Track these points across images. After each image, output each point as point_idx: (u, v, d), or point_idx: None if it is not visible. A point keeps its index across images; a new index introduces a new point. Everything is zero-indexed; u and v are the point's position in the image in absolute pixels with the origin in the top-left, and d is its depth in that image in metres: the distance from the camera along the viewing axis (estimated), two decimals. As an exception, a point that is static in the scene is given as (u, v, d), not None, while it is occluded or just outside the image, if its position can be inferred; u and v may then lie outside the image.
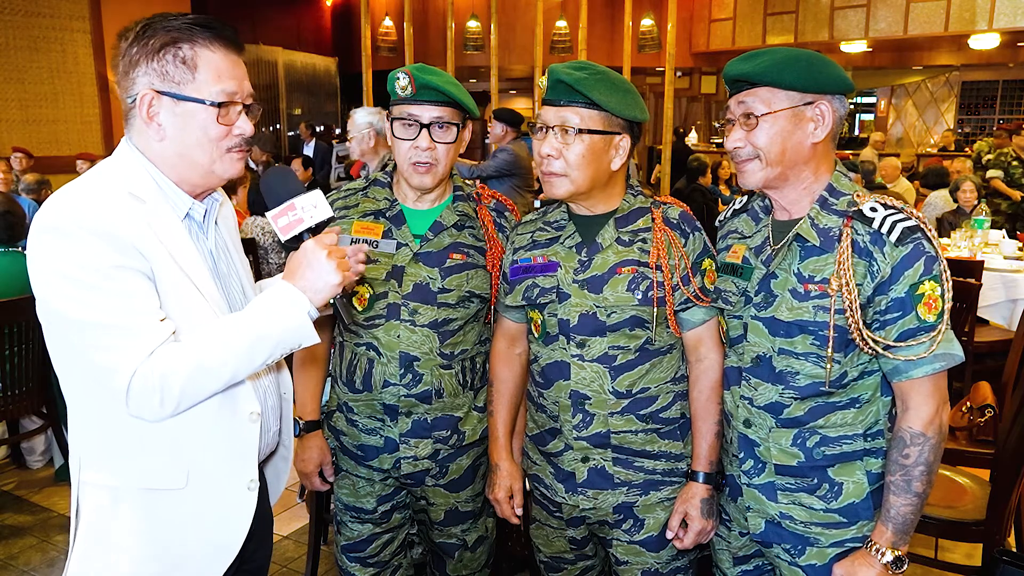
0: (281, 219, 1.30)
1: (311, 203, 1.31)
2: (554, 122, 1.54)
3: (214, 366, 1.21)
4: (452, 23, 8.69)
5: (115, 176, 1.27)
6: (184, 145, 1.27)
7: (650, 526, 1.64)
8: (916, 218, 1.34)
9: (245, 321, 1.24)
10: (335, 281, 1.26)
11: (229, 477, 1.35)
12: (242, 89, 1.30)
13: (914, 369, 1.34)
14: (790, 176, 1.43)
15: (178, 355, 1.19)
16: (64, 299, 1.17)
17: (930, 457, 1.35)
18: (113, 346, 1.16)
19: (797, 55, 1.39)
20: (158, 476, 1.28)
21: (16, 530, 3.13)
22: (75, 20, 8.58)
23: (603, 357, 1.59)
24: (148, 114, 1.25)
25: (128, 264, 1.19)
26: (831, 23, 10.12)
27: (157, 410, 1.19)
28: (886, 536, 1.37)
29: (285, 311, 1.24)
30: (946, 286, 1.32)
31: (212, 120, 1.26)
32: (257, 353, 1.24)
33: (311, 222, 1.31)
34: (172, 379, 1.18)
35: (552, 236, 1.67)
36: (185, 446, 1.29)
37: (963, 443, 2.71)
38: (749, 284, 1.49)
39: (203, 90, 1.25)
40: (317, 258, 1.25)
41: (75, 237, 1.16)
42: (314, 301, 1.26)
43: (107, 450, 1.29)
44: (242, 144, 1.32)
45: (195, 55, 1.24)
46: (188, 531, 1.32)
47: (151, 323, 1.19)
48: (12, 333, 3.13)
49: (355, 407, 1.79)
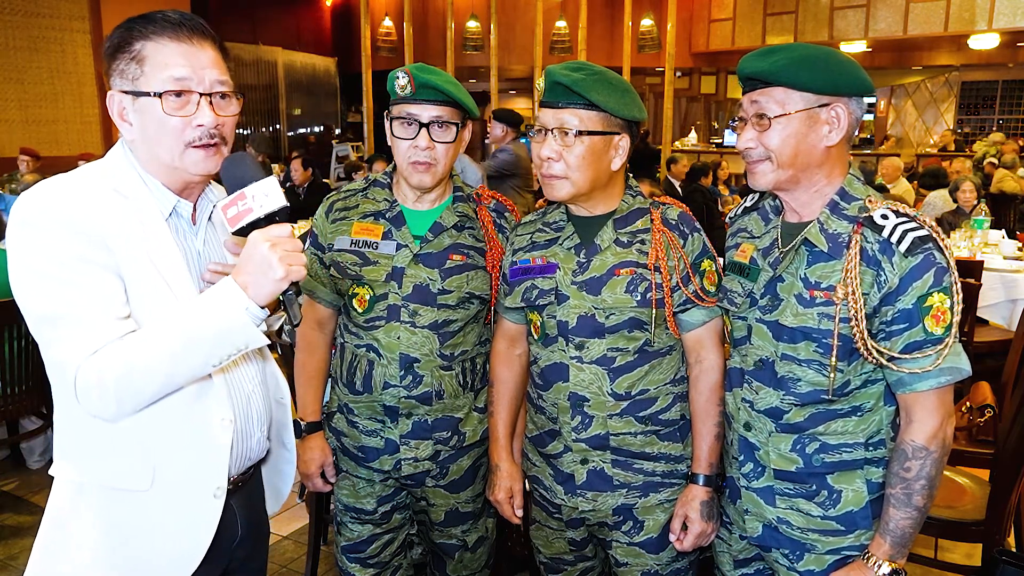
0: (231, 209, 1.20)
1: (262, 192, 1.20)
2: (553, 124, 1.54)
3: (145, 366, 1.15)
4: (452, 23, 8.70)
5: (101, 173, 1.26)
6: (149, 141, 1.25)
7: (650, 528, 1.64)
8: (929, 227, 1.30)
9: (179, 319, 1.17)
10: (278, 275, 1.15)
11: (195, 483, 1.31)
12: (198, 77, 1.23)
13: (919, 382, 1.31)
14: (802, 179, 1.40)
15: (113, 354, 1.15)
16: (26, 289, 1.16)
17: (932, 471, 1.32)
18: (62, 339, 1.15)
19: (815, 54, 1.34)
20: (122, 475, 1.26)
21: (16, 530, 3.12)
22: (75, 20, 8.58)
23: (602, 359, 1.58)
24: (120, 115, 1.25)
25: (92, 258, 1.16)
26: (831, 23, 10.13)
27: (102, 409, 1.17)
28: (884, 548, 1.35)
29: (221, 309, 1.15)
30: (956, 298, 1.29)
31: (164, 112, 1.21)
32: (194, 353, 1.17)
33: (260, 212, 1.19)
34: (106, 378, 1.14)
35: (551, 237, 1.67)
36: (151, 448, 1.26)
37: (963, 443, 2.70)
38: (755, 286, 1.47)
39: (151, 83, 1.21)
40: (259, 250, 1.15)
41: (41, 228, 1.15)
42: (256, 297, 1.16)
43: (75, 445, 1.28)
44: (205, 137, 1.24)
45: (143, 48, 1.22)
46: (149, 533, 1.29)
47: (104, 319, 1.15)
48: (11, 333, 3.13)
49: (355, 408, 1.79)
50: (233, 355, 1.20)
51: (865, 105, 1.41)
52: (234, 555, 1.37)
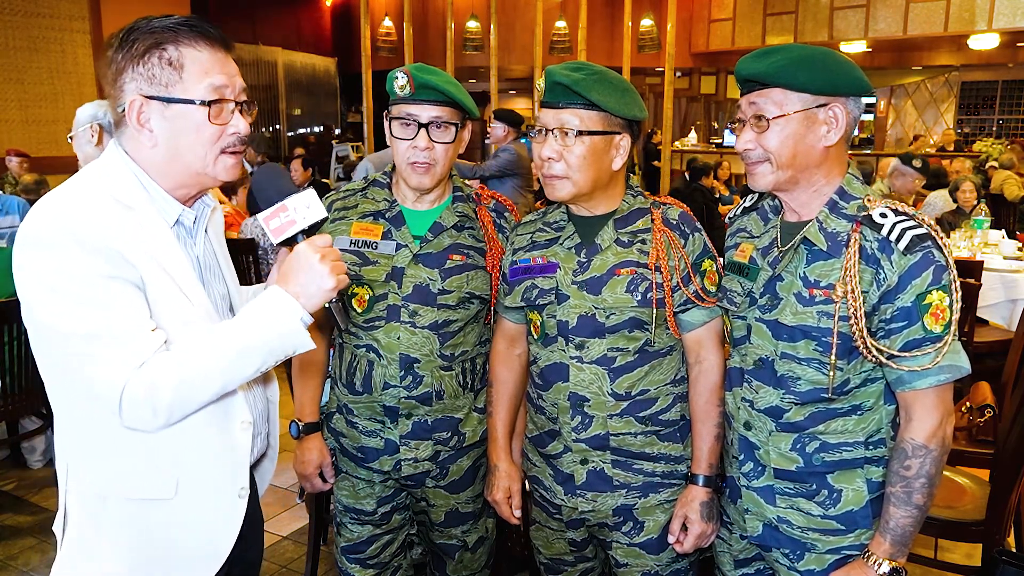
0: (273, 221, 1.26)
1: (304, 203, 1.26)
2: (553, 125, 1.54)
3: (203, 375, 1.18)
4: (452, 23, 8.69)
5: (101, 182, 1.23)
6: (177, 149, 1.24)
7: (650, 528, 1.64)
8: (928, 226, 1.30)
9: (236, 328, 1.20)
10: (329, 285, 1.21)
11: (220, 486, 1.33)
12: (233, 85, 1.26)
13: (918, 380, 1.31)
14: (801, 179, 1.40)
15: (167, 365, 1.16)
16: (52, 312, 1.14)
17: (932, 470, 1.33)
18: (103, 358, 1.14)
19: (812, 54, 1.35)
20: (146, 486, 1.27)
21: (16, 530, 3.12)
22: (75, 20, 8.57)
23: (602, 359, 1.58)
24: (139, 121, 1.22)
25: (117, 274, 1.16)
26: (831, 23, 10.13)
27: (150, 421, 1.17)
28: (884, 547, 1.35)
29: (277, 317, 1.20)
30: (955, 296, 1.29)
31: (204, 120, 1.22)
32: (248, 361, 1.20)
33: (304, 224, 1.26)
34: (161, 390, 1.15)
35: (552, 237, 1.67)
36: (175, 456, 1.27)
37: (963, 443, 2.70)
38: (755, 285, 1.48)
39: (191, 90, 1.21)
40: (310, 262, 1.21)
41: (61, 248, 1.13)
42: (307, 306, 1.22)
43: (94, 459, 1.27)
44: (237, 144, 1.28)
45: (180, 55, 1.21)
46: (176, 540, 1.30)
47: (141, 333, 1.16)
48: (12, 333, 3.13)
49: (355, 409, 1.79)
50: (280, 360, 1.25)
51: (863, 105, 1.42)
52: (233, 550, 1.38)
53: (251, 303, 1.24)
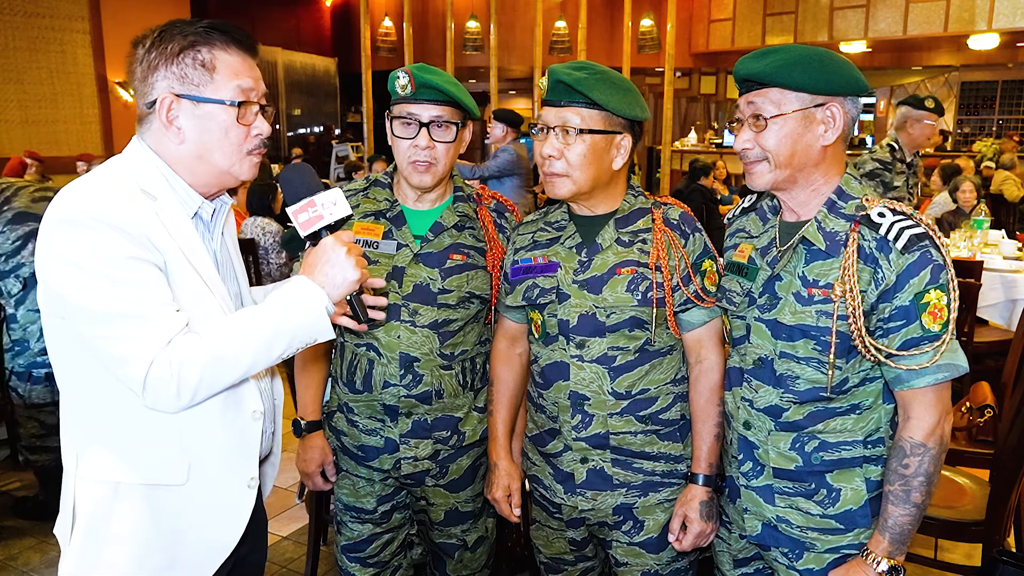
0: (301, 215, 1.32)
1: (331, 200, 1.33)
2: (555, 123, 1.54)
3: (232, 356, 1.21)
4: (452, 23, 8.70)
5: (126, 172, 1.27)
6: (204, 147, 1.29)
7: (650, 527, 1.64)
8: (925, 225, 1.31)
9: (264, 313, 1.24)
10: (354, 277, 1.28)
11: (230, 474, 1.36)
12: (258, 89, 1.32)
13: (916, 379, 1.32)
14: (799, 179, 1.41)
15: (196, 345, 1.19)
16: (80, 289, 1.17)
17: (930, 468, 1.33)
18: (130, 335, 1.17)
19: (809, 54, 1.36)
20: (160, 471, 1.29)
21: (16, 530, 3.12)
22: (75, 21, 8.57)
23: (602, 358, 1.59)
24: (167, 117, 1.26)
25: (142, 256, 1.19)
26: (830, 23, 10.13)
27: (174, 400, 1.19)
28: (882, 545, 1.36)
29: (305, 304, 1.25)
30: (953, 295, 1.30)
31: (232, 121, 1.28)
32: (275, 345, 1.24)
33: (331, 219, 1.32)
34: (189, 368, 1.18)
35: (553, 236, 1.67)
36: (189, 441, 1.30)
37: (963, 443, 2.70)
38: (754, 285, 1.48)
39: (222, 91, 1.27)
40: (337, 254, 1.28)
41: (91, 228, 1.16)
42: (332, 296, 1.27)
43: (110, 444, 1.29)
44: (261, 146, 1.34)
45: (213, 57, 1.27)
46: (186, 527, 1.32)
47: (167, 313, 1.19)
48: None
49: (355, 407, 1.79)
50: (301, 348, 1.29)
51: (861, 105, 1.43)
52: (238, 551, 1.39)
53: (278, 291, 1.28)
